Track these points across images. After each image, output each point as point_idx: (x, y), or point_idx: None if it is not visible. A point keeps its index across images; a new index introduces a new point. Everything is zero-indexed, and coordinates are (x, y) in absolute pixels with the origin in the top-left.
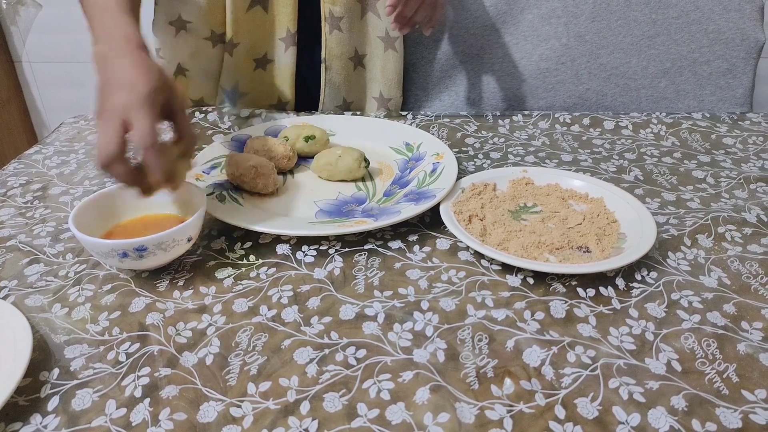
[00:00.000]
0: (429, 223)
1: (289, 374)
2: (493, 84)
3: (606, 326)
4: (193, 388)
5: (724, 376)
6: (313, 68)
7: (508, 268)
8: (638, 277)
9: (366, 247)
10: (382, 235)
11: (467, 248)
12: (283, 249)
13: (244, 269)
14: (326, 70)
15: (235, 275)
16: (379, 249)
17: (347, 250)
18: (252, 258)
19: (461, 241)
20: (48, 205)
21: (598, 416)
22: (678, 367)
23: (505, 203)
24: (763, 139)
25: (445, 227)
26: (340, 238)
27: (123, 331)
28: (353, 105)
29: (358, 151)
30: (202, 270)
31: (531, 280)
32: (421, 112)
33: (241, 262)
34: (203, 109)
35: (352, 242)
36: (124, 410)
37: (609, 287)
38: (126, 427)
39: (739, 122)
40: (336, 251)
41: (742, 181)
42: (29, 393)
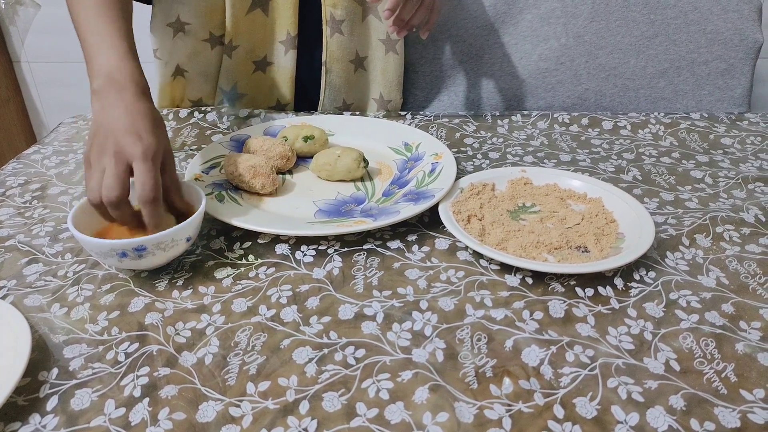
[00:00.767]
0: (428, 223)
1: (288, 374)
2: (492, 84)
3: (605, 326)
4: (192, 387)
5: (723, 375)
6: (312, 70)
7: (506, 268)
8: (637, 277)
9: (365, 246)
10: (381, 235)
11: (466, 248)
12: (282, 249)
13: (243, 269)
14: (327, 73)
15: (234, 275)
16: (378, 249)
17: (346, 250)
18: (251, 258)
19: (460, 241)
20: (47, 204)
21: (597, 416)
22: (676, 367)
23: (504, 203)
24: (761, 139)
25: (444, 227)
26: (339, 238)
27: (122, 330)
28: (353, 107)
29: (357, 151)
30: (201, 270)
31: (530, 280)
32: (420, 112)
33: (240, 261)
34: (202, 109)
35: (351, 242)
36: (123, 410)
37: (607, 287)
38: (125, 426)
39: (737, 122)
40: (335, 251)
41: (740, 181)
42: (28, 393)
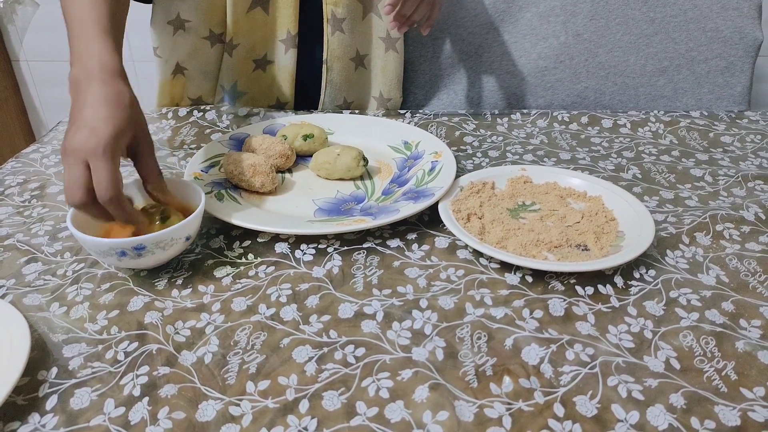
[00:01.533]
0: (428, 221)
1: (288, 373)
2: (491, 82)
3: (605, 324)
4: (191, 386)
5: (723, 373)
6: (312, 69)
7: (506, 267)
8: (637, 275)
9: (365, 245)
10: (380, 234)
11: (466, 246)
12: (281, 247)
13: (242, 268)
14: (328, 71)
15: (233, 274)
16: (378, 247)
17: (346, 248)
18: (251, 257)
19: (460, 240)
20: (46, 203)
21: (597, 414)
22: (677, 365)
23: (504, 201)
24: (761, 138)
25: (444, 226)
26: (338, 237)
27: (121, 329)
28: (353, 105)
29: (357, 149)
30: (201, 269)
31: (530, 279)
32: (420, 111)
33: (239, 260)
34: (201, 107)
35: (350, 241)
36: (122, 409)
37: (607, 285)
38: (125, 426)
39: (737, 120)
40: (335, 250)
41: (740, 179)
42: (27, 392)
